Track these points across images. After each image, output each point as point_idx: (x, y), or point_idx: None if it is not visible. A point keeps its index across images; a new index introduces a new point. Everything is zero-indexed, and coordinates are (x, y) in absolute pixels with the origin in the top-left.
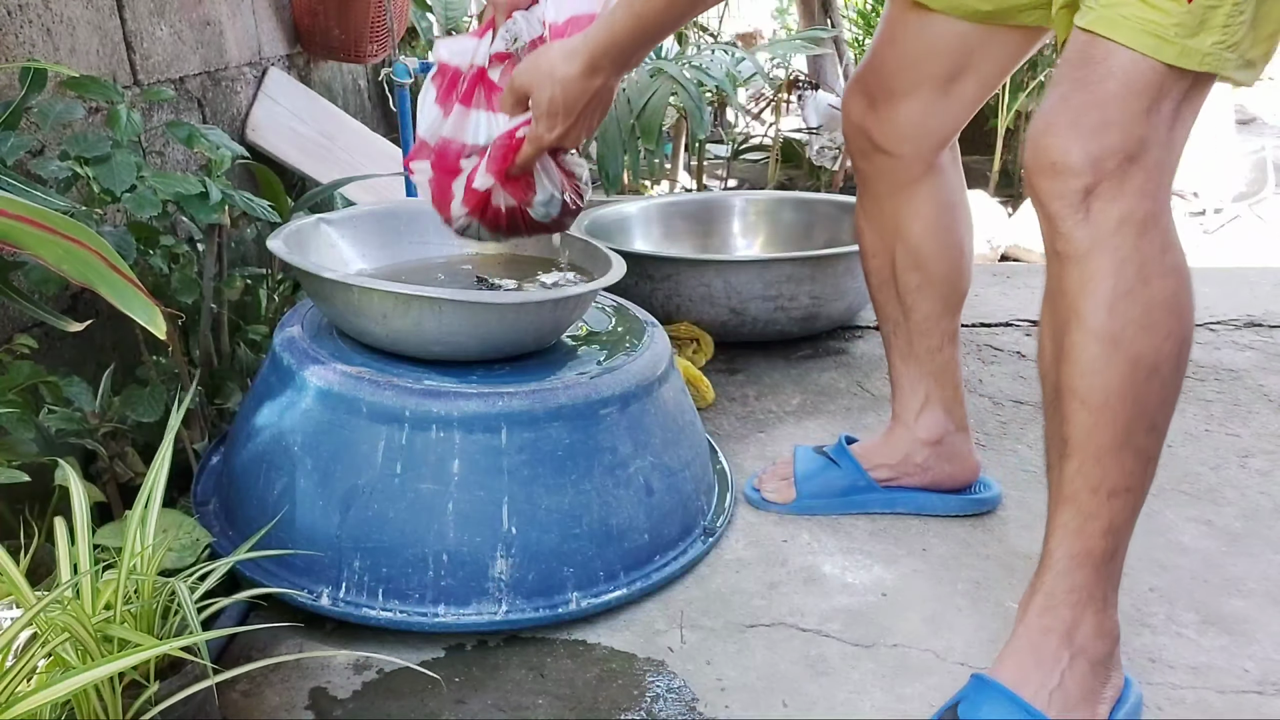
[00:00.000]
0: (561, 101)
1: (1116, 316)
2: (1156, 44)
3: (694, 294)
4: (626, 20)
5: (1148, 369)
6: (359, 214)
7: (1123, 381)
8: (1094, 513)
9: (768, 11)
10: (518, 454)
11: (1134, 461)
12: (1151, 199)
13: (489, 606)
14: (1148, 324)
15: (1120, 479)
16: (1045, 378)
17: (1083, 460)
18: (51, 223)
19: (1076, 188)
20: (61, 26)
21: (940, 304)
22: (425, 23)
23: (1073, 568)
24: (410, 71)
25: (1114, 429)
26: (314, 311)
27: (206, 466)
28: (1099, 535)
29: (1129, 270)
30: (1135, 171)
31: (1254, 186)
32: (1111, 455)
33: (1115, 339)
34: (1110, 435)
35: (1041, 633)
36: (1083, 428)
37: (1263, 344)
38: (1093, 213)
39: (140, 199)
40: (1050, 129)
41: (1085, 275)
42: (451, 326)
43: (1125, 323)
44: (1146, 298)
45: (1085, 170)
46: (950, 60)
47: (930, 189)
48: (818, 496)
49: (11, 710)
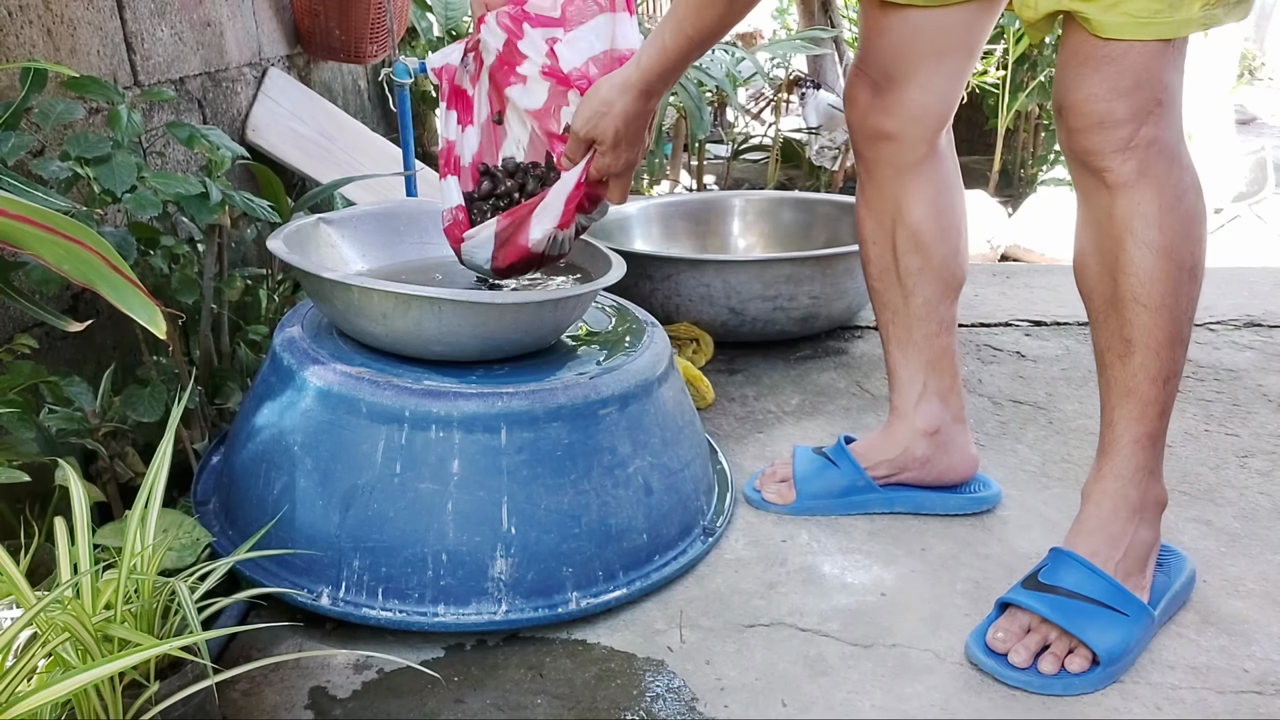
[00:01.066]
0: (625, 134)
1: (1165, 231)
2: (1157, 29)
3: (693, 294)
4: (677, 41)
5: (1189, 271)
6: (359, 214)
7: (1174, 283)
8: (1153, 399)
9: (768, 11)
10: (517, 454)
11: (1181, 350)
12: (1175, 131)
13: (489, 606)
14: (1185, 233)
15: (1173, 366)
16: (1094, 294)
17: (1144, 355)
18: (52, 223)
19: (1124, 135)
20: (62, 27)
21: (940, 288)
22: (425, 23)
23: (1137, 450)
24: (410, 71)
25: (1170, 325)
26: (314, 312)
27: (206, 466)
28: (1157, 417)
29: (1168, 192)
30: (1162, 113)
31: (1254, 186)
32: (1168, 348)
33: (1167, 249)
34: (1167, 331)
35: (1112, 511)
36: (1144, 328)
37: (1262, 344)
38: (1137, 152)
39: (141, 199)
40: (1093, 97)
41: (1134, 200)
42: (451, 326)
43: (1172, 235)
44: (1183, 212)
45: (1129, 120)
46: (933, 41)
47: (931, 172)
48: (817, 497)
49: (11, 710)
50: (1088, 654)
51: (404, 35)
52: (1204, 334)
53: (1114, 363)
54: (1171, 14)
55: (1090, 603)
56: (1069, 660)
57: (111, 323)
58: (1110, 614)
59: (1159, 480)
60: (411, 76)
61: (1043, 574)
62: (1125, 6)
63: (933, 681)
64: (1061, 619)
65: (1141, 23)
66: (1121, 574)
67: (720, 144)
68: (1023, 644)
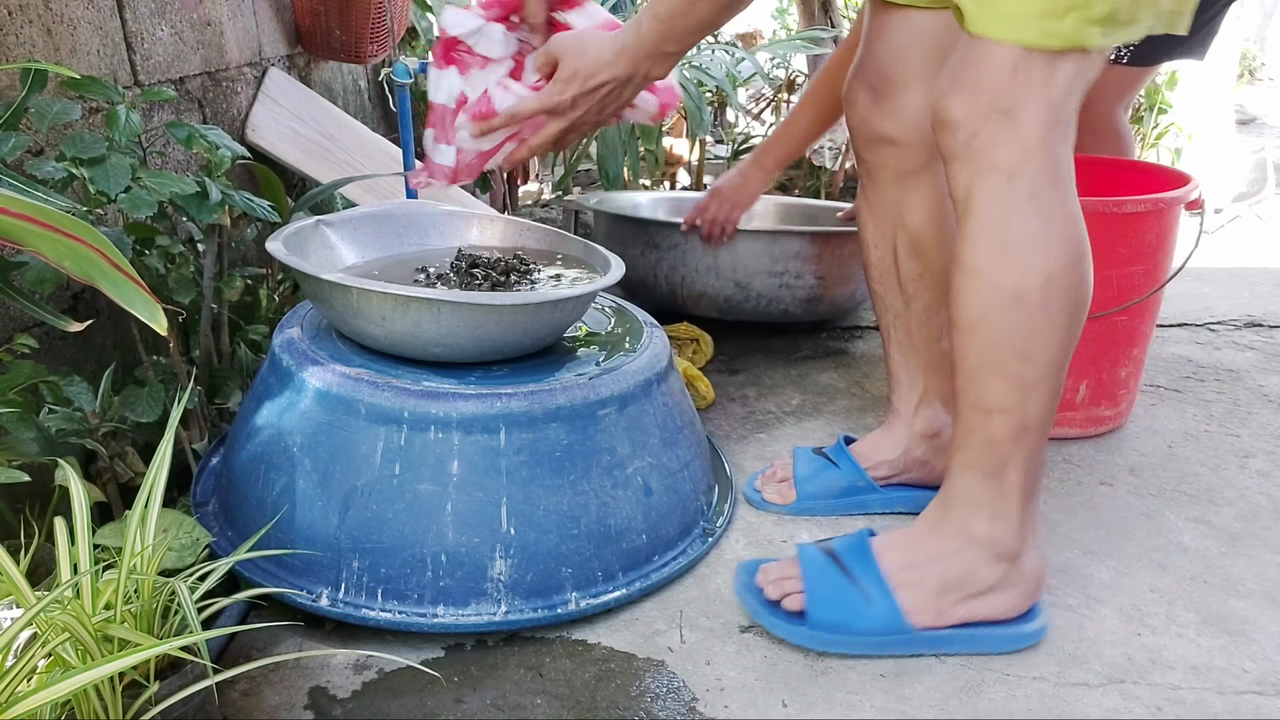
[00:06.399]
0: (583, 75)
1: (978, 251)
2: (1019, 31)
3: (700, 264)
4: (652, 25)
5: (1010, 298)
6: (358, 215)
7: (987, 308)
8: (974, 427)
9: (768, 11)
10: (516, 455)
11: (1005, 384)
12: (1019, 149)
13: (488, 607)
14: (1004, 259)
15: (994, 399)
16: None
17: (959, 378)
18: (53, 220)
19: (960, 139)
20: (62, 27)
21: (940, 293)
22: (425, 23)
23: (960, 473)
24: (410, 71)
25: (979, 351)
26: (313, 313)
27: (206, 468)
28: (980, 448)
29: (993, 210)
30: (1005, 129)
31: (1254, 186)
32: (981, 375)
33: (977, 270)
34: (976, 356)
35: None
36: (958, 349)
37: (1263, 344)
38: (969, 164)
39: (135, 199)
40: (940, 93)
41: (962, 213)
42: (450, 328)
43: (986, 256)
44: (1005, 236)
45: (963, 124)
46: (934, 44)
47: (932, 177)
48: (817, 498)
49: (11, 710)
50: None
51: (404, 35)
52: (1204, 334)
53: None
54: (1040, 21)
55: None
56: (789, 600)
57: (111, 323)
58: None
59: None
60: (411, 76)
61: (838, 543)
62: (1000, 4)
63: (932, 681)
64: (807, 570)
65: (1007, 21)
66: (910, 579)
67: (721, 144)
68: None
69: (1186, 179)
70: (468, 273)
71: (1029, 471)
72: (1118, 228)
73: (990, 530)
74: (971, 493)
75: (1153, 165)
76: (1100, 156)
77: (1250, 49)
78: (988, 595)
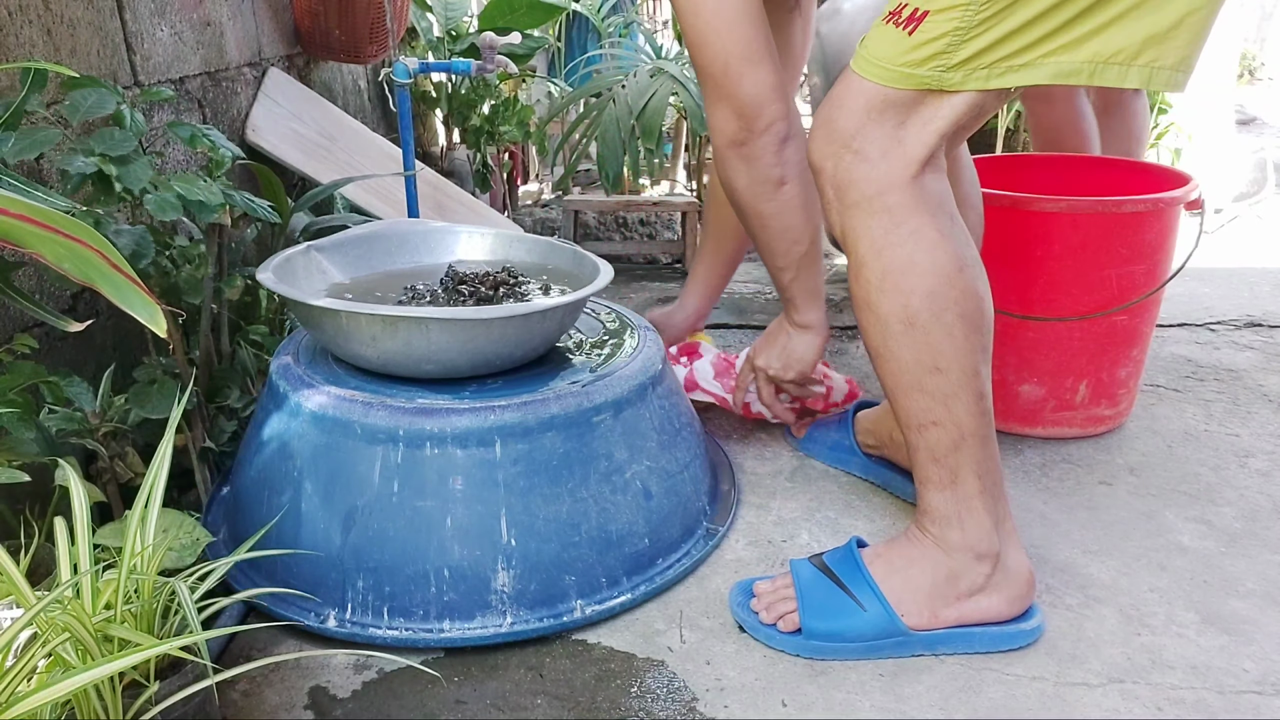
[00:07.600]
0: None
1: (862, 285)
2: (879, 72)
3: None
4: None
5: (901, 324)
6: (348, 238)
7: (883, 335)
8: (915, 445)
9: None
10: (513, 466)
11: (926, 399)
12: (875, 185)
13: (493, 619)
14: (886, 288)
15: (921, 414)
16: None
17: (890, 402)
18: (53, 221)
19: (825, 180)
20: (62, 27)
21: None
22: (425, 23)
23: (921, 491)
24: (410, 71)
25: (894, 374)
26: (309, 337)
27: (215, 499)
28: (927, 463)
29: (863, 246)
30: (859, 164)
31: (1254, 186)
32: (903, 395)
33: (867, 304)
34: (893, 378)
35: (909, 538)
36: (879, 375)
37: (1263, 344)
38: (836, 199)
39: (162, 202)
40: (811, 135)
41: (847, 252)
42: (440, 344)
43: (867, 288)
44: (880, 267)
45: (821, 166)
46: None
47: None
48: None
49: (11, 710)
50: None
51: (404, 35)
52: (1204, 334)
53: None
54: (896, 58)
55: (836, 584)
56: (783, 621)
57: (111, 323)
58: (846, 600)
59: (965, 532)
60: (411, 77)
61: (829, 556)
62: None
63: (932, 681)
64: (800, 587)
65: (870, 63)
66: (900, 583)
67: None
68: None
69: (1186, 179)
70: (455, 290)
71: (983, 476)
72: (1117, 227)
73: (964, 537)
74: (935, 507)
75: (1152, 165)
76: (1100, 157)
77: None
78: (978, 596)
